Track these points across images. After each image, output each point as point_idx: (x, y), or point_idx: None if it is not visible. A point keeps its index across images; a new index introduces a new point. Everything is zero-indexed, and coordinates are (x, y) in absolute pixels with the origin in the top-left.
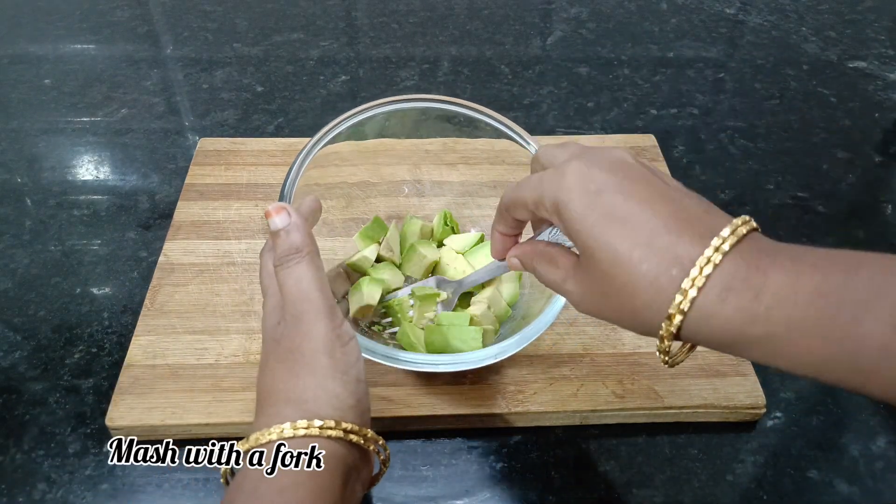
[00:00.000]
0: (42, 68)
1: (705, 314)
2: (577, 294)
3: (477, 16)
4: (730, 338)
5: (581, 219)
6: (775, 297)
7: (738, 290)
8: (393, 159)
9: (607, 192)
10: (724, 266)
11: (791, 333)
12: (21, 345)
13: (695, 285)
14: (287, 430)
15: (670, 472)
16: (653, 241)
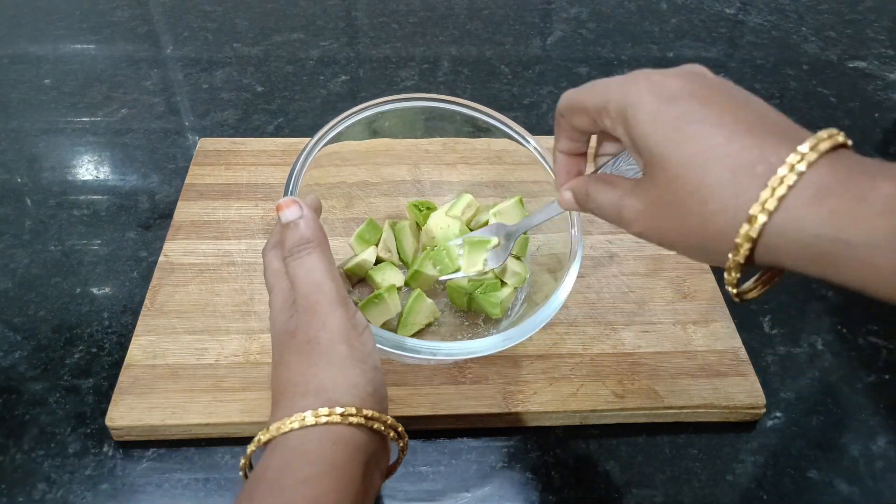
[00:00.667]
0: (42, 68)
1: (796, 217)
2: (635, 209)
3: (477, 16)
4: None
5: (651, 123)
6: (885, 204)
7: (837, 192)
8: (393, 159)
9: (683, 97)
10: (820, 167)
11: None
12: (21, 345)
13: (784, 182)
14: (308, 419)
15: (670, 472)
16: (733, 141)
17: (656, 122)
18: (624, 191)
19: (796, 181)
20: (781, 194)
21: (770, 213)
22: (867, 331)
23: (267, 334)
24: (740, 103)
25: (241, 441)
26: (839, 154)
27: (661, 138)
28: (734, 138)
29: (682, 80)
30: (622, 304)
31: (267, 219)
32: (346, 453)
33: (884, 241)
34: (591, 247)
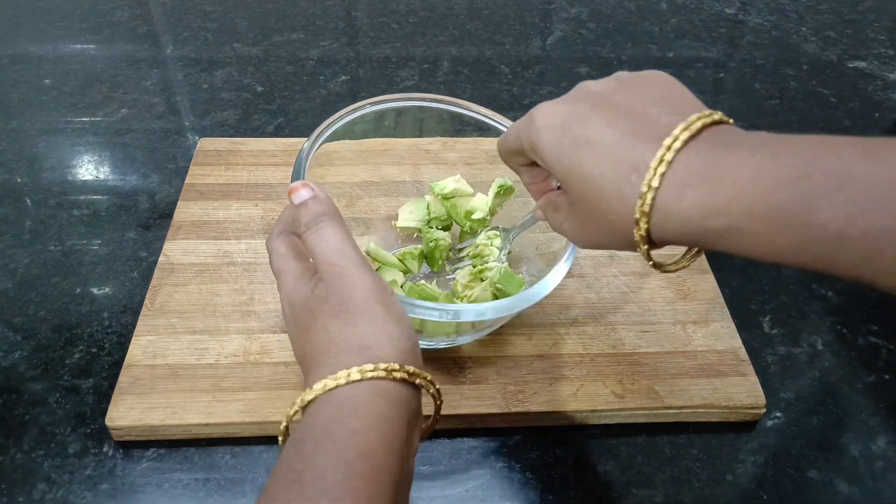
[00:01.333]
0: (42, 68)
1: (667, 213)
2: (570, 230)
3: (477, 16)
4: (694, 233)
5: (550, 154)
6: (733, 189)
7: (694, 184)
8: (393, 159)
9: (570, 123)
10: (679, 163)
11: (753, 225)
12: (21, 345)
13: (651, 187)
14: (354, 374)
15: (670, 472)
16: (611, 155)
17: (554, 153)
18: (563, 213)
19: (660, 184)
20: (651, 197)
21: (647, 214)
22: (867, 331)
23: (267, 334)
24: (620, 111)
25: (241, 441)
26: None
27: (561, 166)
28: (613, 152)
29: (568, 106)
30: (622, 304)
31: (267, 219)
32: (392, 408)
33: (739, 223)
34: None
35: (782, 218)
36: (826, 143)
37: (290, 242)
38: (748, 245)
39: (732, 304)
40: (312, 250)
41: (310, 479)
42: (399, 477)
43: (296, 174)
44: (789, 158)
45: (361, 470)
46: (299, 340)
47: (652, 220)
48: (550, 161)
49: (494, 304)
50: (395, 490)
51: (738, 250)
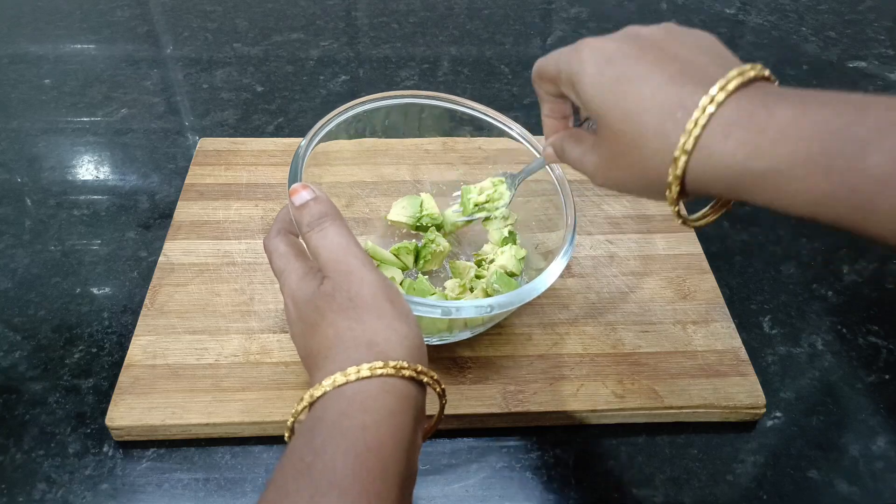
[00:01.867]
0: (42, 68)
1: (709, 153)
2: (593, 164)
3: (477, 16)
4: (734, 177)
5: (593, 86)
6: (780, 132)
7: (742, 125)
8: (393, 159)
9: (617, 59)
10: (729, 105)
11: (795, 168)
12: (21, 345)
13: (698, 124)
14: (364, 371)
15: (670, 472)
16: (657, 93)
17: (597, 86)
18: (586, 147)
19: (707, 122)
20: (696, 135)
21: (688, 152)
22: (867, 331)
23: (267, 334)
24: (669, 55)
25: (241, 441)
26: (751, 89)
27: (602, 99)
28: (660, 90)
29: (617, 43)
30: (622, 304)
31: (267, 219)
32: (400, 404)
33: (781, 166)
34: (591, 247)
35: (828, 162)
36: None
37: (289, 241)
38: (787, 191)
39: (732, 304)
40: (316, 250)
41: (319, 470)
42: (405, 473)
43: (293, 174)
44: (839, 105)
45: (370, 464)
46: (304, 337)
47: (692, 158)
48: (590, 93)
49: (495, 300)
50: (401, 486)
51: (775, 198)
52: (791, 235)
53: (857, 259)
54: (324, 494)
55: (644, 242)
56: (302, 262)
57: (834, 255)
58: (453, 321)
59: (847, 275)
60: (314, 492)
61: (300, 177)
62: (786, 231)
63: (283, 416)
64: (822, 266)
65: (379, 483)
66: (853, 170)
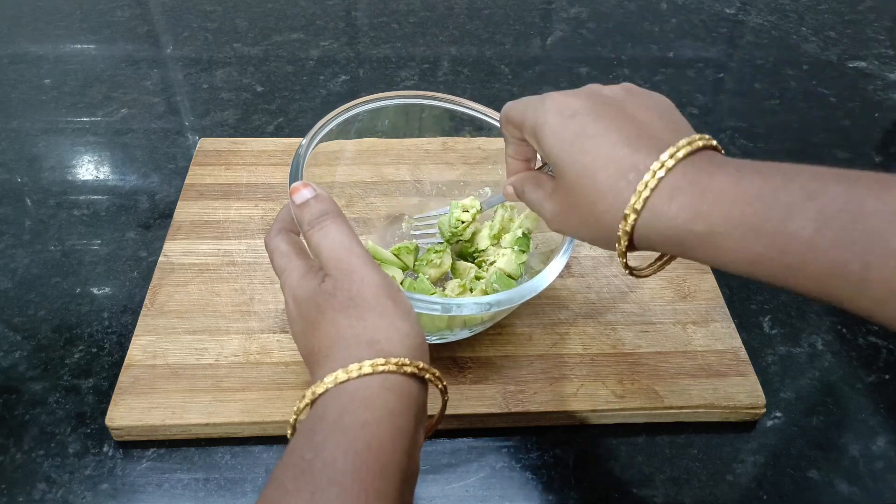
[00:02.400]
0: (42, 68)
1: (655, 213)
2: (550, 211)
3: (477, 16)
4: (677, 236)
5: (554, 138)
6: (717, 197)
7: (685, 190)
8: (393, 159)
9: (579, 115)
10: (676, 171)
11: (730, 230)
12: (21, 345)
13: (647, 186)
14: (366, 368)
15: (670, 472)
16: (613, 153)
17: (557, 139)
18: (545, 192)
19: (656, 185)
20: (645, 196)
21: (638, 211)
22: (867, 331)
23: (267, 334)
24: (627, 117)
25: (241, 441)
26: (698, 157)
27: (561, 152)
28: (616, 150)
29: (580, 100)
30: (622, 304)
31: (267, 219)
32: (401, 402)
33: (718, 228)
34: (591, 247)
35: (758, 224)
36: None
37: (290, 240)
38: (724, 251)
39: (732, 304)
40: (318, 247)
41: (319, 468)
42: (406, 471)
43: (293, 174)
44: (770, 174)
45: (370, 462)
46: (306, 335)
47: (640, 218)
48: (550, 144)
49: (494, 297)
50: (401, 483)
51: (715, 257)
52: None
53: None
54: (324, 491)
55: None
56: (303, 260)
57: None
58: (453, 319)
59: None
60: (314, 489)
61: (301, 176)
62: None
63: (283, 416)
64: None
65: (379, 480)
66: (781, 232)
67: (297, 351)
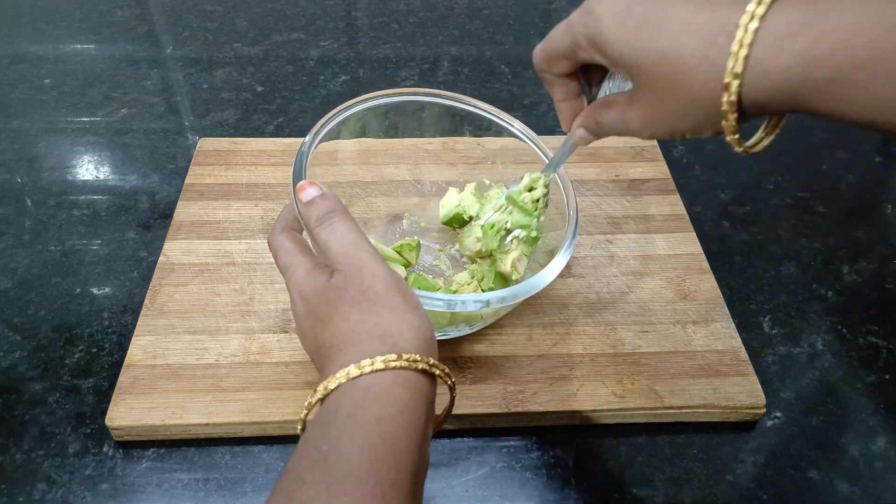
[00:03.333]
0: (42, 68)
1: (762, 70)
2: (637, 118)
3: (477, 16)
4: (792, 89)
5: (619, 39)
6: (837, 37)
7: (794, 35)
8: (393, 159)
9: (634, 3)
10: (772, 16)
11: (856, 73)
12: (21, 345)
13: (743, 44)
14: (378, 363)
15: (670, 472)
16: (691, 23)
17: (622, 37)
18: (623, 106)
19: (753, 39)
20: (744, 55)
21: (739, 74)
22: (867, 331)
23: (267, 334)
24: None
25: (241, 441)
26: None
27: (632, 49)
28: (691, 20)
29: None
30: (622, 304)
31: (267, 219)
32: (413, 397)
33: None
34: (591, 247)
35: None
36: None
37: (294, 237)
38: (848, 98)
39: (732, 304)
40: (326, 244)
41: (335, 460)
42: (418, 464)
43: (297, 171)
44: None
45: (385, 455)
46: (314, 331)
47: (745, 80)
48: (619, 48)
49: (497, 294)
50: (414, 475)
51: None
52: (791, 235)
53: (857, 259)
54: (340, 483)
55: (644, 242)
56: (308, 257)
57: (834, 255)
58: (454, 316)
59: (847, 275)
60: (331, 480)
61: (304, 175)
62: (786, 231)
63: (283, 416)
64: (822, 266)
65: (393, 473)
66: None
67: (297, 351)
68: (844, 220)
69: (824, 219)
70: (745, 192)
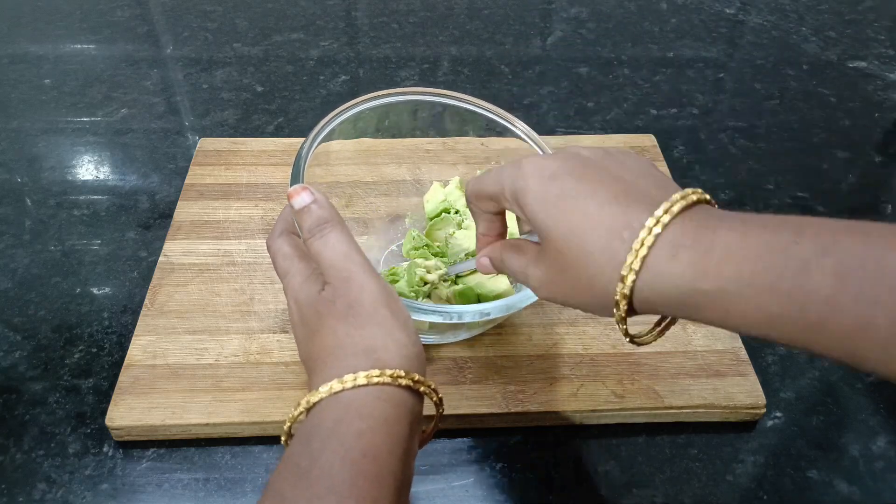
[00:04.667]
0: (42, 68)
1: (656, 272)
2: (537, 278)
3: (477, 16)
4: (682, 296)
5: (537, 201)
6: (725, 252)
7: (687, 246)
8: (393, 159)
9: (561, 176)
10: (674, 227)
11: (742, 288)
12: (21, 345)
13: (644, 244)
14: (361, 379)
15: (670, 472)
16: (602, 211)
17: (541, 201)
18: (529, 259)
19: (654, 242)
20: (643, 255)
21: (636, 271)
22: None
23: (267, 334)
24: (612, 175)
25: (241, 441)
26: (694, 211)
27: (546, 215)
28: (605, 208)
29: (559, 162)
30: None
31: (267, 219)
32: (396, 412)
33: (730, 286)
34: None
35: (773, 282)
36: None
37: (292, 242)
38: (737, 312)
39: None
40: (318, 256)
41: (317, 476)
42: (401, 479)
43: (295, 173)
44: (779, 227)
45: (367, 470)
46: (305, 341)
47: (640, 278)
48: (535, 209)
49: (492, 305)
50: (396, 491)
51: (727, 318)
52: None
53: None
54: (321, 499)
55: None
56: (305, 264)
57: None
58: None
59: None
60: (311, 496)
61: (303, 177)
62: None
63: (283, 416)
64: None
65: (375, 488)
66: (798, 290)
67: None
68: None
69: None
70: (745, 192)
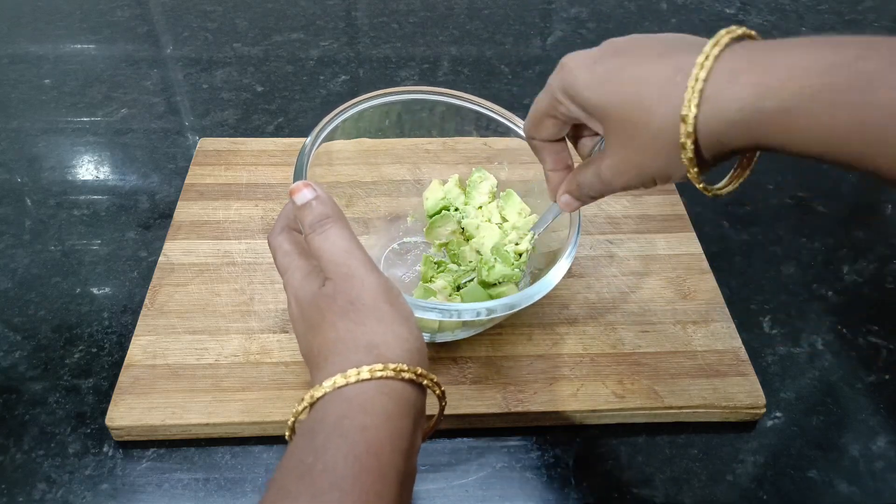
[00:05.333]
0: (42, 68)
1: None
2: (609, 167)
3: (477, 16)
4: (745, 120)
5: (589, 87)
6: (787, 71)
7: (745, 70)
8: (393, 159)
9: (603, 58)
10: (725, 57)
11: (805, 104)
12: (21, 345)
13: (699, 78)
14: (364, 373)
15: (670, 472)
16: (652, 69)
17: (592, 86)
18: (598, 161)
19: (708, 74)
20: (700, 88)
21: (697, 104)
22: (867, 331)
23: (267, 334)
24: (650, 42)
25: (241, 441)
26: (742, 43)
27: (600, 95)
28: (652, 67)
29: (597, 49)
30: (622, 304)
31: (267, 219)
32: (399, 407)
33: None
34: (590, 247)
35: (837, 97)
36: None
37: (293, 239)
38: (798, 129)
39: (732, 304)
40: (318, 251)
41: (320, 471)
42: (404, 474)
43: (298, 171)
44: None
45: (370, 465)
46: (306, 337)
47: (701, 111)
48: (587, 94)
49: (497, 303)
50: (400, 485)
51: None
52: (791, 235)
53: (857, 259)
54: (325, 494)
55: (644, 242)
56: (305, 260)
57: (834, 255)
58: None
59: (847, 275)
60: (315, 492)
61: (305, 174)
62: (786, 231)
63: (283, 416)
64: (822, 266)
65: (379, 483)
66: (863, 104)
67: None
68: (844, 220)
69: (824, 219)
70: (745, 192)
